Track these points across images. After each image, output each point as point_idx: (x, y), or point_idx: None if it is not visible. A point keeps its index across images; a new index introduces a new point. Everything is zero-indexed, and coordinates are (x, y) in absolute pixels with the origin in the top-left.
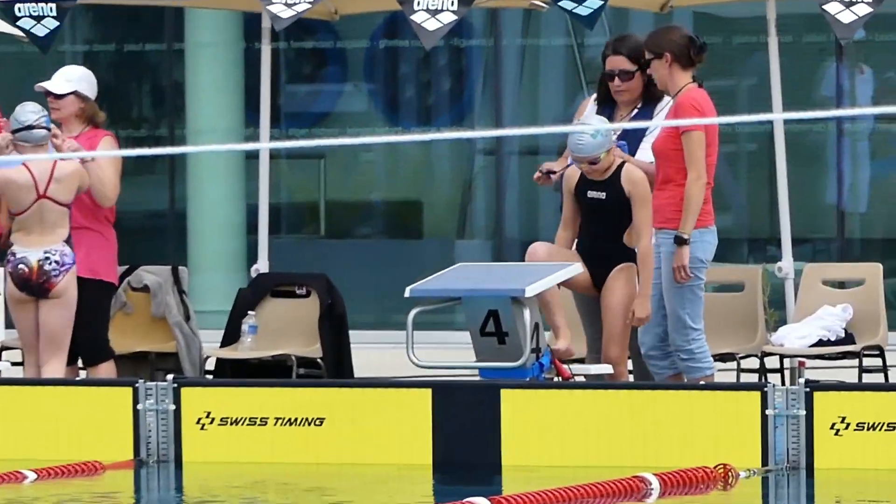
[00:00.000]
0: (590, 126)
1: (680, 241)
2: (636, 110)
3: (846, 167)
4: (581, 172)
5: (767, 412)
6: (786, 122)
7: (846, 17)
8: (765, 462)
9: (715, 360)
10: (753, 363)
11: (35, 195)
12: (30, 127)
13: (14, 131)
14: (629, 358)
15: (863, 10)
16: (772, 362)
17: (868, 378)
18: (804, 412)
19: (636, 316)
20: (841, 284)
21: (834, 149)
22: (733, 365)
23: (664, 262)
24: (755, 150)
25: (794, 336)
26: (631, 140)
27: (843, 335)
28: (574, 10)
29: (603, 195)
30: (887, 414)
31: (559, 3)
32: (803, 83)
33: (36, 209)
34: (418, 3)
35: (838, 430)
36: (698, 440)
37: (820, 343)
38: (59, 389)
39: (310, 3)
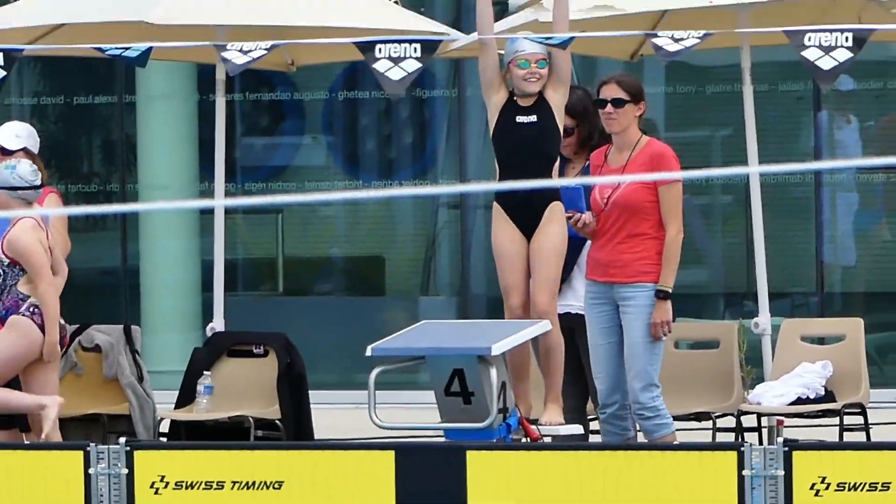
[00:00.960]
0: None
1: (664, 296)
2: (587, 162)
3: (826, 219)
4: (506, 99)
5: (744, 473)
6: (762, 173)
7: (826, 63)
8: None
9: (690, 419)
10: (730, 422)
11: None
12: (34, 186)
13: (13, 188)
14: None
15: (843, 55)
16: (749, 421)
17: (849, 437)
18: (783, 472)
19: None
20: (820, 340)
21: (813, 200)
22: (709, 424)
23: (635, 318)
24: (730, 202)
25: (772, 394)
26: (568, 199)
27: (822, 393)
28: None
29: (534, 118)
30: (869, 474)
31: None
32: (780, 133)
33: None
34: (380, 51)
35: (818, 491)
36: (673, 502)
37: (799, 401)
38: (6, 454)
39: (265, 49)
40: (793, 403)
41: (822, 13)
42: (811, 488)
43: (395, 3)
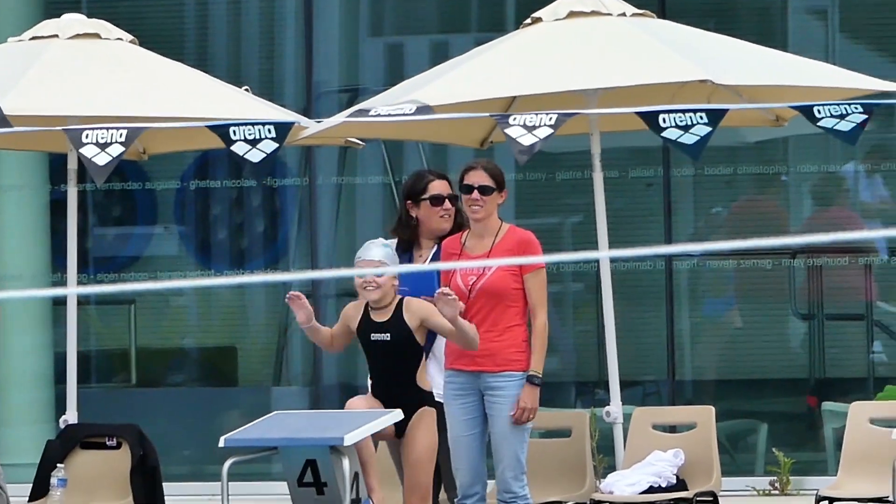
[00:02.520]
0: (399, 267)
1: (535, 382)
2: (435, 248)
3: (676, 307)
4: (362, 314)
5: None
6: (612, 260)
7: (688, 139)
8: None
9: None
10: None
11: None
12: None
13: None
14: None
15: (702, 130)
16: None
17: None
18: None
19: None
20: (672, 428)
21: (664, 287)
22: None
23: (505, 407)
24: (581, 289)
25: (624, 483)
26: (415, 285)
27: (674, 481)
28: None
29: (387, 336)
30: None
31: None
32: (630, 219)
33: None
34: (235, 133)
35: None
36: None
37: (651, 489)
38: None
39: (122, 143)
40: (645, 492)
41: (671, 97)
42: None
43: (247, 90)
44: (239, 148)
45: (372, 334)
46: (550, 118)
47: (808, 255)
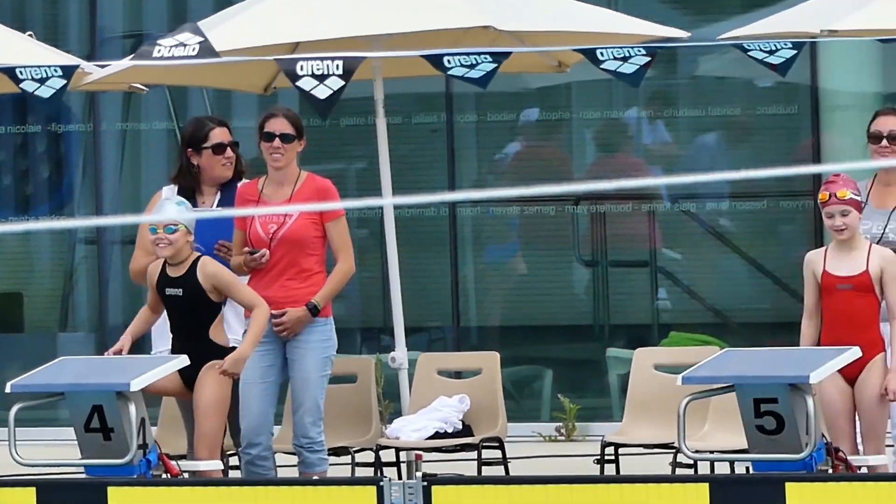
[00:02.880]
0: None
1: (312, 311)
2: (219, 195)
3: (461, 253)
4: (160, 268)
5: None
6: (397, 207)
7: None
8: None
9: (329, 455)
10: (368, 457)
11: None
12: None
13: None
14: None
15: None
16: (387, 456)
17: (487, 471)
18: None
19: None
20: (457, 374)
21: (448, 234)
22: (347, 459)
23: (307, 353)
24: (366, 235)
25: (410, 428)
26: (210, 232)
27: (460, 427)
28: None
29: (180, 291)
30: None
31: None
32: (414, 165)
33: None
34: (22, 73)
35: None
36: None
37: (437, 435)
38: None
39: None
40: (431, 437)
41: (454, 43)
42: None
43: (31, 36)
44: (28, 86)
45: (167, 289)
46: (337, 65)
47: (592, 201)
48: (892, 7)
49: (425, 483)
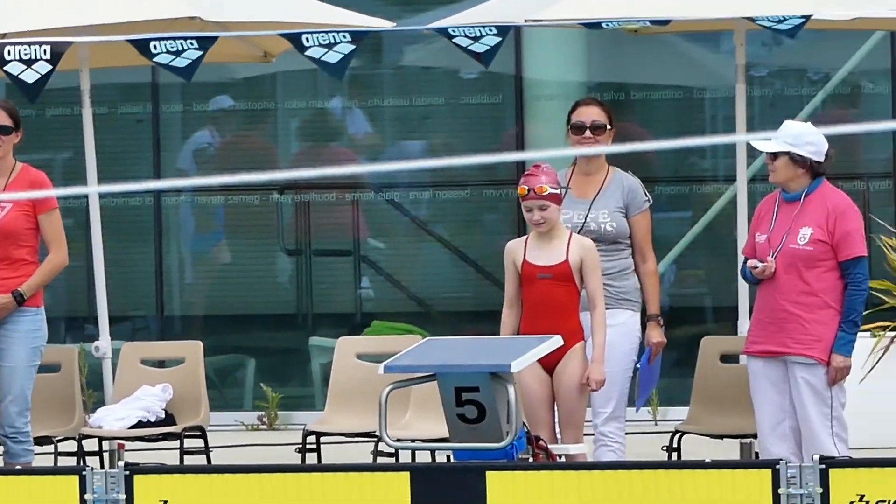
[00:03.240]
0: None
1: (18, 300)
2: None
3: (165, 242)
4: None
5: (87, 497)
6: (102, 196)
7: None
8: None
9: (34, 444)
10: (71, 446)
11: None
12: None
13: None
14: None
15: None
16: (91, 445)
17: (190, 460)
18: (125, 496)
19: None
20: (161, 363)
21: (153, 222)
22: (50, 448)
23: (15, 340)
24: (71, 225)
25: (113, 417)
26: None
27: (163, 416)
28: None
29: None
30: (208, 497)
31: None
32: (120, 155)
33: None
34: None
35: None
36: None
37: (140, 424)
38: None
39: None
40: (134, 427)
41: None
42: None
43: None
44: None
45: None
46: (45, 50)
47: (296, 190)
48: None
49: (127, 472)
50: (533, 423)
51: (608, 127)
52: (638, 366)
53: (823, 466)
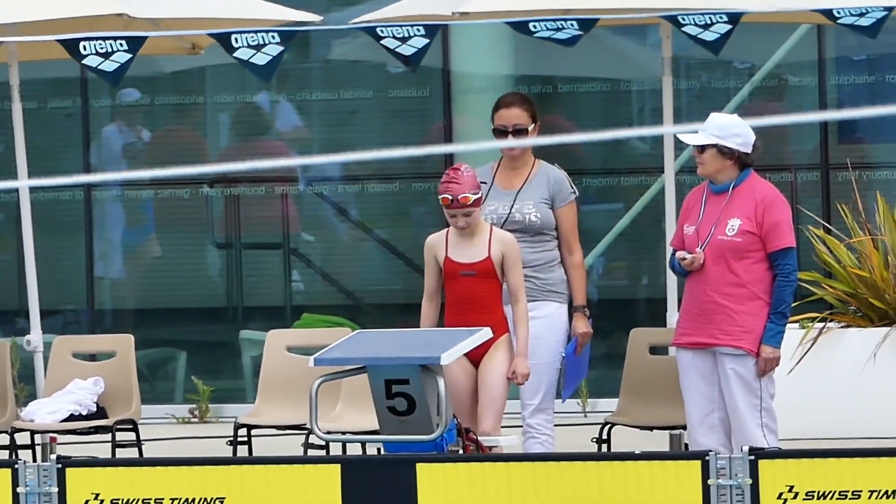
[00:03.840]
0: None
1: None
2: None
3: (96, 236)
4: None
5: (19, 490)
6: (33, 191)
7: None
8: None
9: None
10: (3, 440)
11: None
12: None
13: None
14: None
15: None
16: (23, 438)
17: (122, 453)
18: (57, 489)
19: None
20: (92, 357)
21: (83, 216)
22: None
23: None
24: (2, 220)
25: (45, 411)
26: None
27: (95, 409)
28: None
29: None
30: (141, 489)
31: None
32: (50, 149)
33: None
34: None
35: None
36: None
37: (72, 418)
38: None
39: None
40: (66, 420)
41: (88, 28)
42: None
43: None
44: None
45: None
46: None
47: (226, 184)
48: None
49: (60, 465)
50: (460, 414)
51: (530, 127)
52: (563, 356)
53: (753, 458)
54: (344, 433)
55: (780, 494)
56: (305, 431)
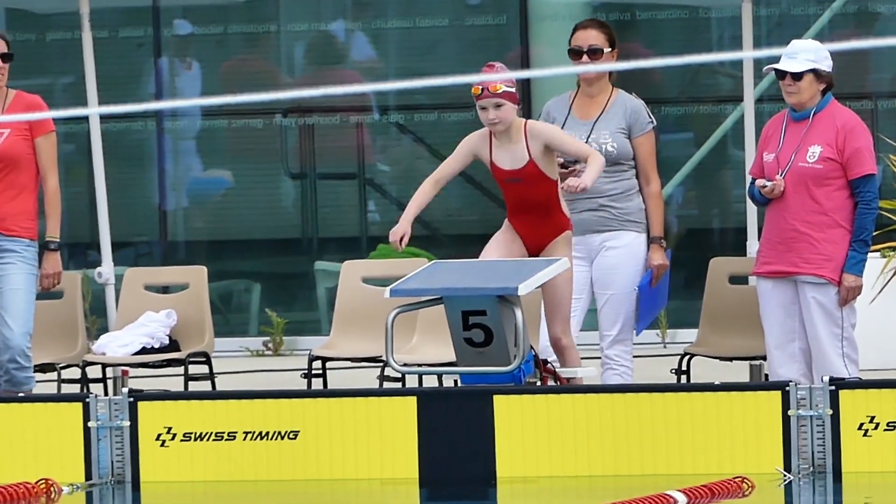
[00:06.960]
0: None
1: (53, 247)
2: None
3: (168, 167)
4: None
5: (90, 424)
6: (103, 121)
7: None
8: (88, 476)
9: (35, 371)
10: (75, 373)
11: None
12: None
13: None
14: None
15: None
16: (94, 372)
17: (194, 386)
18: (129, 423)
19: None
20: (164, 289)
21: (154, 147)
22: (54, 376)
23: (16, 266)
24: (72, 150)
25: (117, 344)
26: None
27: (167, 342)
28: None
29: None
30: (212, 422)
31: None
32: (121, 79)
33: None
34: None
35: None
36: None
37: (143, 351)
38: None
39: None
40: (138, 353)
41: None
42: (157, 439)
43: None
44: None
45: None
46: None
47: (300, 113)
48: None
49: (131, 399)
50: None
51: (606, 50)
52: (637, 289)
53: (833, 388)
54: (420, 365)
55: (861, 425)
56: (381, 364)
